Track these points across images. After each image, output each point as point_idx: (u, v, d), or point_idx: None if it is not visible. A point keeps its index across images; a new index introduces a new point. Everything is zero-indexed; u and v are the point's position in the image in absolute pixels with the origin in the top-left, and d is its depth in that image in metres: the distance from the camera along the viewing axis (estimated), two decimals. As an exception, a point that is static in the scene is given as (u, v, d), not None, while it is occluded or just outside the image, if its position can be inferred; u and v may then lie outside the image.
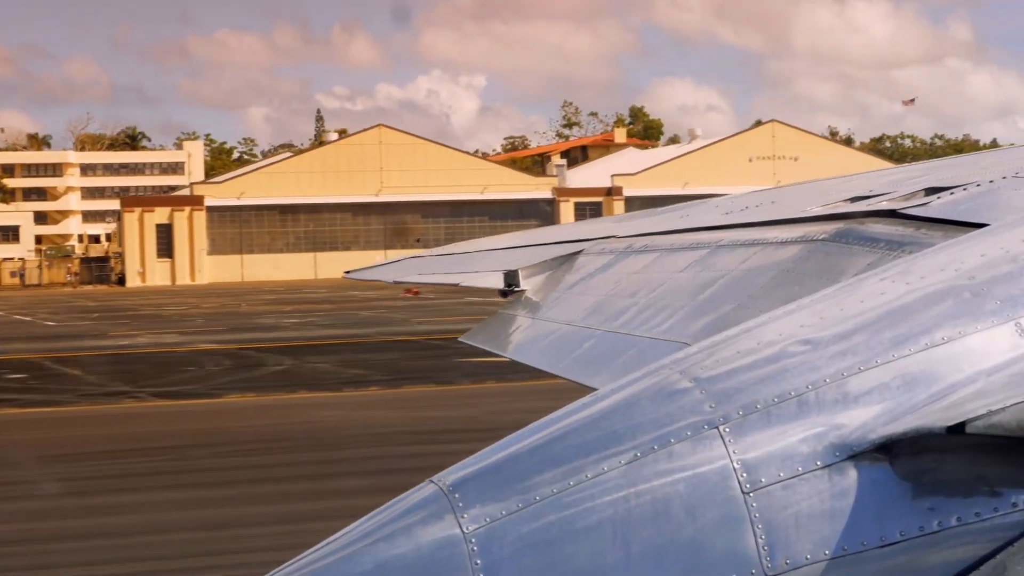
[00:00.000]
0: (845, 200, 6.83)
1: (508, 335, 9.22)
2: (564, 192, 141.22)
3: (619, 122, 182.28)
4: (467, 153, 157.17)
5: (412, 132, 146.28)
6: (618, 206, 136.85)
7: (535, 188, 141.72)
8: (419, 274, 12.62)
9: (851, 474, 3.60)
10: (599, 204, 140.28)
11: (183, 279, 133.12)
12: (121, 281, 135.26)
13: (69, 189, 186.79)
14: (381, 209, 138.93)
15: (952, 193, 5.87)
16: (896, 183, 6.86)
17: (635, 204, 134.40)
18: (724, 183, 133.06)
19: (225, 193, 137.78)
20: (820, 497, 3.59)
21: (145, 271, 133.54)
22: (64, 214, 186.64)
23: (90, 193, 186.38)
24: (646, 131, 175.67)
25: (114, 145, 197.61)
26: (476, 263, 10.93)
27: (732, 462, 3.60)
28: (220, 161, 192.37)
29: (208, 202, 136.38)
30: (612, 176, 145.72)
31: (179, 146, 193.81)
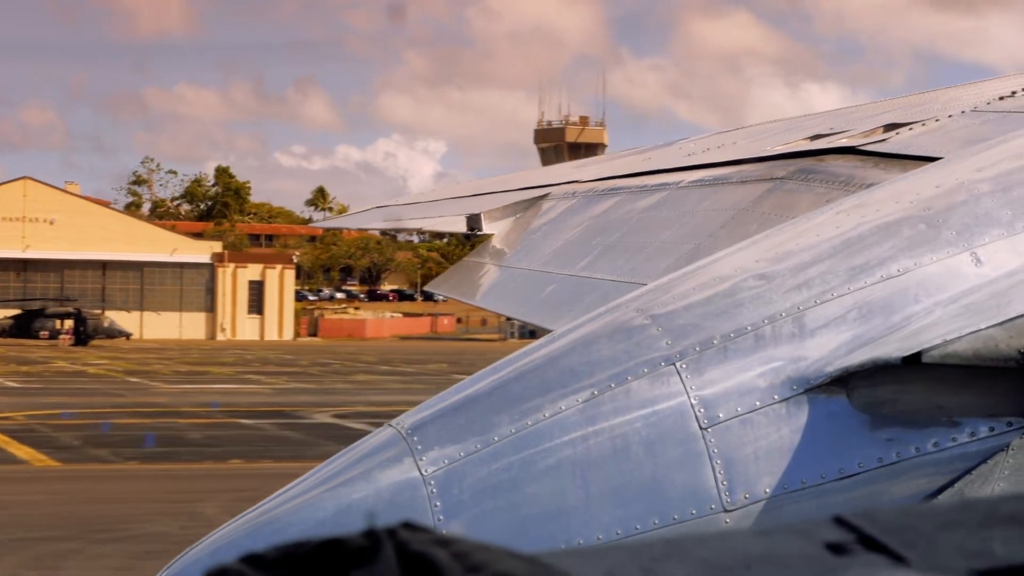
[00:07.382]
0: (805, 138, 6.81)
1: (474, 282, 9.20)
2: None
3: (197, 181, 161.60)
4: None
5: None
6: None
7: None
8: (385, 220, 12.61)
9: (808, 407, 3.60)
10: None
11: None
12: None
13: None
14: None
15: (911, 129, 5.87)
16: (857, 120, 6.85)
17: None
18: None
19: None
20: (778, 431, 3.59)
21: None
22: None
23: None
24: (224, 192, 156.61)
25: None
26: (442, 209, 10.89)
27: (689, 398, 3.59)
28: None
29: None
30: None
31: None
